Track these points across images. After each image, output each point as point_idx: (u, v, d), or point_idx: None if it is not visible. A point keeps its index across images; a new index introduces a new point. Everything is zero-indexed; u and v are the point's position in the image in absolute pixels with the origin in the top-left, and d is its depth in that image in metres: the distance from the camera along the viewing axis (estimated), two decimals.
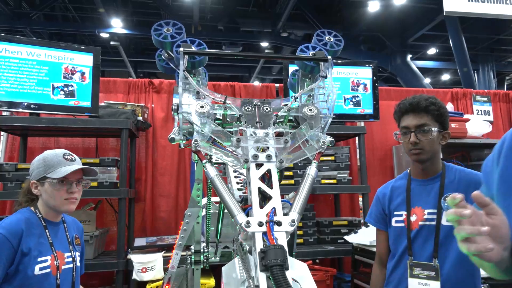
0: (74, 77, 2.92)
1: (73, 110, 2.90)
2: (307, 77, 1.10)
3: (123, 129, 2.84)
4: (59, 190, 1.56)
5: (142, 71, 13.89)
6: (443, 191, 1.56)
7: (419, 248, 1.56)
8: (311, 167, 0.91)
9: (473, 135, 3.35)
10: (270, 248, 0.67)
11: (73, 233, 1.72)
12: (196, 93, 0.96)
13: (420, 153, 1.57)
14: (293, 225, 0.74)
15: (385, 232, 1.72)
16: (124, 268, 2.71)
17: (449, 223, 1.48)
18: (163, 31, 1.07)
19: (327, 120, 0.98)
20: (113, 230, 3.26)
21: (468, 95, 3.97)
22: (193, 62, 1.02)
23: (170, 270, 1.52)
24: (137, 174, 3.35)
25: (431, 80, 13.46)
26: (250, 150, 0.85)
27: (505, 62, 11.81)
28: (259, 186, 0.79)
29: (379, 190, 1.81)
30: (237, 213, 0.76)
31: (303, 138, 0.93)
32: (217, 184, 0.83)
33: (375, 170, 3.73)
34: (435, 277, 1.49)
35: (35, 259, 1.49)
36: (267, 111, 0.95)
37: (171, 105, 3.51)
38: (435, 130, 1.56)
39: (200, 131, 0.89)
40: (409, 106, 1.59)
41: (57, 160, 1.58)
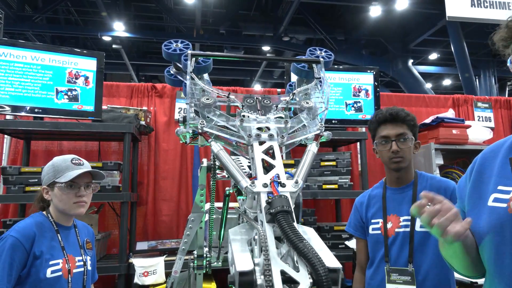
0: (78, 81, 2.95)
1: (76, 114, 2.93)
2: (303, 81, 1.17)
3: (126, 133, 2.86)
4: (68, 194, 1.60)
5: (144, 74, 13.94)
6: (416, 198, 1.64)
7: (396, 254, 1.62)
8: (311, 144, 0.96)
9: (474, 142, 3.36)
10: (275, 198, 0.69)
11: (84, 237, 1.75)
12: (202, 91, 1.03)
13: (401, 161, 1.65)
14: (297, 186, 0.75)
15: (364, 240, 1.78)
16: (126, 272, 2.72)
17: (423, 229, 1.57)
18: (172, 46, 1.18)
19: (324, 112, 1.03)
20: (115, 234, 3.27)
21: (470, 102, 3.98)
22: (199, 67, 1.10)
23: (173, 275, 1.54)
24: (139, 178, 3.36)
25: (433, 85, 13.48)
26: (253, 130, 0.89)
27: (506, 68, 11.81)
28: (263, 158, 0.82)
29: (357, 199, 1.88)
30: (241, 178, 0.78)
31: (301, 123, 0.99)
32: (222, 157, 0.87)
33: (376, 176, 3.73)
34: (411, 282, 1.56)
35: (47, 262, 1.52)
36: (267, 103, 1.02)
37: (173, 109, 3.53)
38: (412, 139, 1.67)
39: (207, 117, 0.96)
40: (389, 116, 1.67)
41: (65, 165, 1.62)
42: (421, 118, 3.58)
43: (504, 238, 0.86)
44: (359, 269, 1.83)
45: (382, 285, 1.62)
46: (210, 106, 0.98)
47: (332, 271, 0.57)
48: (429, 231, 1.58)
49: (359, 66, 3.50)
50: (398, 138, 1.64)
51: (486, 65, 11.03)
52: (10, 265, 1.44)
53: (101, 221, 3.21)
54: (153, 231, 3.33)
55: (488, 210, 0.92)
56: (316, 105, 1.04)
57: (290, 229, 0.61)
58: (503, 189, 0.90)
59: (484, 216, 0.92)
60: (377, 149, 1.71)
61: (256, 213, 0.76)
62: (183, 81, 1.21)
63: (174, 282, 1.53)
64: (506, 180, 0.85)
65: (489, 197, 0.93)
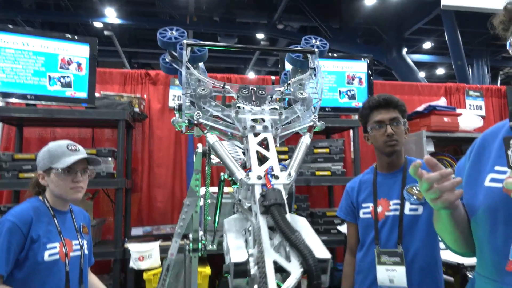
0: (71, 67, 2.92)
1: (69, 101, 2.91)
2: (297, 71, 1.18)
3: (120, 120, 2.86)
4: (65, 179, 1.61)
5: (137, 61, 13.78)
6: (405, 182, 1.69)
7: (386, 237, 1.67)
8: (305, 136, 0.98)
9: (465, 129, 3.41)
10: (269, 191, 0.71)
11: (80, 222, 1.77)
12: (197, 81, 1.03)
13: (395, 145, 1.69)
14: (290, 178, 0.77)
15: (354, 224, 1.83)
16: (122, 257, 2.75)
17: (412, 213, 1.62)
18: (167, 34, 1.17)
19: (318, 103, 1.05)
20: (110, 220, 3.30)
21: (461, 90, 4.03)
22: (195, 56, 1.10)
23: (169, 257, 1.57)
24: (133, 165, 3.37)
25: (426, 74, 13.53)
26: (248, 121, 0.90)
27: (499, 57, 11.89)
28: (257, 149, 0.84)
29: (348, 184, 1.92)
30: (236, 170, 0.80)
31: (295, 114, 1.01)
32: (217, 148, 0.88)
33: (367, 163, 3.75)
34: (400, 263, 1.61)
35: (44, 246, 1.54)
36: (262, 94, 1.03)
37: (167, 96, 3.53)
38: (405, 122, 1.72)
39: (202, 108, 0.96)
40: (383, 101, 1.71)
41: (61, 150, 1.63)
42: (414, 106, 3.62)
43: (497, 218, 0.88)
44: (349, 252, 1.87)
45: (372, 266, 1.67)
46: (206, 96, 0.99)
47: (321, 261, 0.60)
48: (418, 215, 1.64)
49: (353, 54, 3.51)
50: (391, 122, 1.68)
51: (479, 54, 11.08)
52: (8, 248, 1.46)
53: (96, 207, 3.23)
54: (148, 217, 3.36)
55: (484, 190, 0.93)
56: (310, 96, 1.06)
57: (283, 221, 0.63)
58: (500, 169, 0.91)
59: (480, 196, 0.94)
60: (370, 134, 1.74)
61: (250, 204, 0.79)
62: (178, 69, 1.21)
63: (170, 264, 1.57)
64: (503, 161, 0.85)
65: (486, 177, 0.94)
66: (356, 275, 1.78)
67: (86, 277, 1.75)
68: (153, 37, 6.34)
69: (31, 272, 1.52)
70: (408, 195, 1.67)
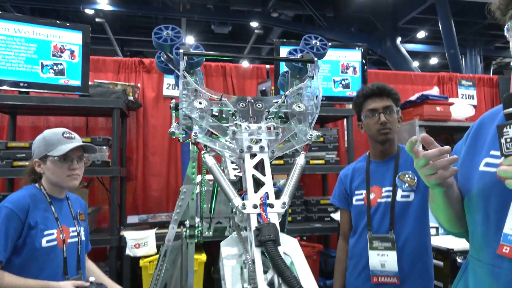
0: (64, 55, 2.89)
1: (63, 89, 2.89)
2: (295, 77, 1.17)
3: (115, 108, 2.85)
4: (61, 167, 1.62)
5: (129, 49, 13.60)
6: (398, 170, 1.72)
7: (378, 223, 1.71)
8: (300, 157, 0.98)
9: (457, 119, 3.46)
10: (264, 226, 0.74)
11: (77, 209, 1.79)
12: (194, 91, 1.02)
13: (389, 133, 1.71)
14: (284, 207, 0.81)
15: (347, 211, 1.86)
16: (117, 244, 2.77)
17: (404, 199, 1.66)
18: (163, 34, 1.13)
19: (314, 116, 1.05)
20: (104, 209, 3.31)
21: (454, 79, 4.07)
22: (191, 63, 1.08)
23: (166, 244, 1.59)
24: (128, 153, 3.38)
25: (419, 63, 13.56)
26: (245, 142, 0.91)
27: (492, 47, 11.95)
28: (253, 173, 0.86)
29: (341, 172, 1.94)
30: (234, 197, 0.83)
31: (292, 132, 1.01)
32: (215, 172, 0.90)
33: (361, 151, 3.80)
34: (391, 248, 1.65)
35: (42, 232, 1.55)
36: (259, 107, 1.02)
37: (161, 85, 3.51)
38: (398, 111, 1.75)
39: (199, 125, 0.95)
40: (377, 89, 1.73)
41: (56, 138, 1.63)
42: (407, 95, 3.65)
43: (489, 202, 0.89)
44: (342, 238, 1.91)
45: (365, 252, 1.70)
46: (203, 111, 0.98)
47: None
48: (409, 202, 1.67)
49: (348, 43, 3.51)
50: (385, 111, 1.70)
51: (472, 44, 11.13)
52: (5, 235, 1.47)
53: (91, 196, 3.24)
54: (143, 205, 3.38)
55: (479, 174, 0.94)
56: (307, 108, 1.05)
57: (278, 259, 0.68)
58: (495, 153, 0.91)
59: (474, 179, 0.95)
60: (364, 122, 1.76)
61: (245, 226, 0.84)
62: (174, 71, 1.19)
63: (168, 250, 1.59)
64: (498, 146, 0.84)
65: (481, 161, 0.95)
66: (349, 260, 1.82)
67: (84, 263, 1.77)
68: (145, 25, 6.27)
69: (29, 258, 1.54)
70: (400, 182, 1.70)
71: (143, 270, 2.76)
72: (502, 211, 0.86)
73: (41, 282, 1.52)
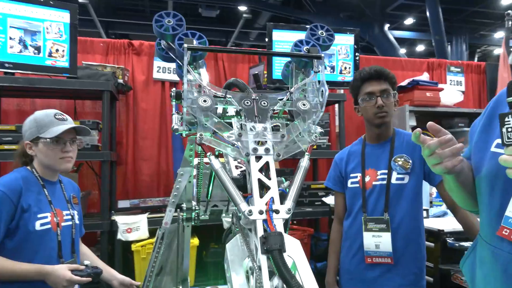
0: (50, 35, 2.80)
1: (50, 70, 2.80)
2: (300, 70, 1.14)
3: (105, 91, 2.79)
4: (53, 149, 1.58)
5: (114, 32, 13.23)
6: (393, 153, 1.74)
7: (373, 205, 1.73)
8: (304, 159, 0.98)
9: (446, 104, 3.51)
10: (270, 235, 0.76)
11: (70, 192, 1.76)
12: (198, 86, 0.99)
13: (385, 116, 1.73)
14: (289, 213, 0.83)
15: (342, 194, 1.89)
16: (109, 229, 2.75)
17: (399, 182, 1.69)
18: (164, 22, 1.08)
19: (318, 114, 1.04)
20: (94, 194, 3.27)
21: (443, 66, 4.11)
22: (195, 56, 1.04)
23: (164, 226, 1.58)
24: (117, 137, 3.32)
25: (407, 50, 13.66)
26: (250, 144, 0.91)
27: (477, 35, 12.11)
28: (259, 177, 0.87)
29: (336, 155, 1.96)
30: (240, 202, 0.84)
31: (297, 132, 1.00)
32: (221, 176, 0.90)
33: (352, 136, 3.85)
34: (386, 229, 1.68)
35: (35, 215, 1.52)
36: (264, 106, 1.00)
37: (152, 68, 3.44)
38: (395, 94, 1.76)
39: (204, 125, 0.94)
40: (374, 72, 1.73)
41: (48, 119, 1.59)
42: (397, 81, 3.64)
43: (496, 183, 0.91)
44: (337, 220, 1.94)
45: (359, 233, 1.74)
46: (208, 109, 0.95)
47: None
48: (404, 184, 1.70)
49: (340, 28, 3.49)
50: (382, 94, 1.71)
51: (458, 32, 11.25)
52: None
53: (80, 180, 3.18)
54: (134, 190, 3.35)
55: (490, 154, 0.95)
56: (312, 106, 1.04)
57: (283, 268, 0.71)
58: None
59: (485, 160, 0.95)
60: (361, 106, 1.77)
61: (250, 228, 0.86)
62: (175, 60, 1.14)
63: (165, 233, 1.59)
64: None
65: (493, 142, 0.95)
66: (343, 242, 1.85)
67: (78, 246, 1.75)
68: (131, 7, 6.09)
69: (23, 241, 1.51)
70: (395, 165, 1.72)
71: (135, 254, 2.75)
72: (506, 194, 0.87)
73: (36, 266, 1.50)
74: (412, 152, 1.73)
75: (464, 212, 1.63)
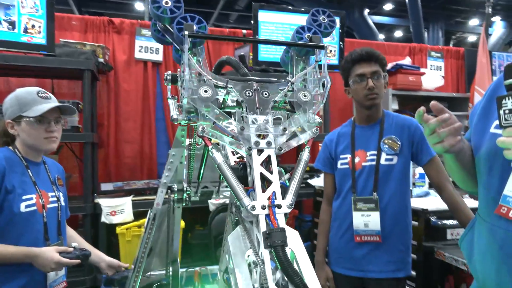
0: (25, 10, 2.65)
1: (26, 47, 2.67)
2: (301, 58, 1.11)
3: (85, 70, 2.69)
4: (37, 129, 1.51)
5: (87, 10, 12.72)
6: (383, 134, 1.76)
7: (362, 186, 1.76)
8: (304, 152, 0.98)
9: (427, 88, 3.59)
10: (273, 231, 0.79)
11: (55, 174, 1.69)
12: (198, 75, 0.96)
13: (376, 98, 1.74)
14: (291, 208, 0.85)
15: (331, 175, 1.91)
16: (92, 211, 2.69)
17: (387, 163, 1.73)
18: (161, 3, 1.02)
19: (319, 105, 1.03)
20: (75, 176, 3.19)
21: (424, 51, 4.18)
22: (194, 42, 1.00)
23: (155, 207, 1.56)
24: (98, 119, 3.22)
25: (385, 36, 13.80)
26: (252, 137, 0.90)
27: (453, 22, 12.36)
28: (261, 171, 0.87)
29: (326, 137, 1.98)
30: (243, 197, 0.86)
31: (298, 124, 1.00)
32: (224, 170, 0.90)
33: (335, 121, 3.89)
34: (375, 208, 1.72)
35: (20, 197, 1.46)
36: (265, 96, 0.99)
37: (133, 47, 3.33)
38: (386, 76, 1.76)
39: (205, 116, 0.92)
40: (365, 54, 1.73)
41: (31, 98, 1.51)
42: None
43: (494, 163, 0.93)
44: (326, 201, 1.96)
45: (349, 213, 1.77)
46: (209, 100, 0.92)
47: None
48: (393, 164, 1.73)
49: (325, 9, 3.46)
50: (373, 76, 1.71)
51: (435, 18, 11.44)
52: None
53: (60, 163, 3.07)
54: (116, 173, 3.28)
55: (489, 135, 0.97)
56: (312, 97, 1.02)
57: (287, 264, 0.74)
58: None
59: (485, 140, 0.98)
60: (352, 88, 1.77)
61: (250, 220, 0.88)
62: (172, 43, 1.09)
63: (157, 213, 1.56)
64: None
65: (493, 123, 0.96)
66: (333, 222, 1.88)
67: (64, 229, 1.71)
68: None
69: (7, 223, 1.46)
70: (385, 146, 1.75)
71: (120, 237, 2.72)
72: (504, 174, 0.90)
73: (23, 248, 1.45)
74: (401, 134, 1.76)
75: (450, 192, 1.69)
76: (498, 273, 0.91)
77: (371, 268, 1.73)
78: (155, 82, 3.39)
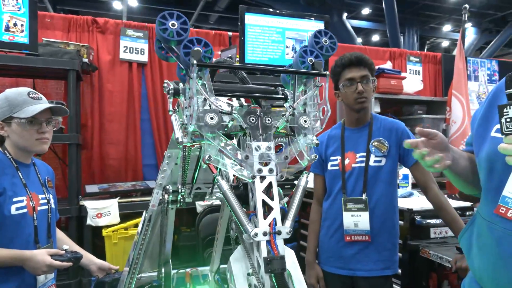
0: (6, 8, 2.58)
1: (7, 46, 2.59)
2: (302, 81, 1.14)
3: (70, 70, 2.64)
4: (29, 130, 1.49)
5: (62, 8, 12.35)
6: (371, 137, 1.83)
7: (352, 187, 1.82)
8: (301, 178, 1.05)
9: (407, 92, 3.71)
10: (274, 259, 0.87)
11: (45, 176, 1.66)
12: (203, 100, 0.97)
13: (365, 102, 1.80)
14: (290, 234, 0.92)
15: (322, 176, 1.96)
16: (77, 214, 2.64)
17: (376, 164, 1.80)
18: (168, 25, 1.01)
19: (318, 129, 1.09)
20: (58, 178, 3.10)
21: (404, 55, 4.32)
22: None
23: (151, 209, 1.56)
24: (82, 120, 3.16)
25: (363, 40, 14.10)
26: (256, 165, 0.96)
27: (427, 27, 12.77)
28: (263, 198, 0.94)
29: None
30: (246, 223, 0.93)
31: (298, 150, 1.06)
32: (229, 197, 0.96)
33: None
34: (364, 209, 1.78)
35: (11, 199, 1.44)
36: (268, 123, 1.04)
37: (118, 47, 3.29)
38: (374, 80, 1.83)
39: (212, 144, 0.96)
40: (355, 59, 1.79)
41: (22, 98, 1.48)
42: None
43: (495, 165, 0.98)
44: (316, 202, 2.01)
45: (339, 213, 1.82)
46: (215, 127, 0.95)
47: None
48: (381, 166, 1.80)
49: (310, 14, 3.53)
50: (362, 80, 1.77)
51: (411, 23, 11.79)
52: None
53: None
54: (101, 175, 3.22)
55: (490, 140, 1.00)
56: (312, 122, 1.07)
57: None
58: None
59: (486, 144, 1.02)
60: (342, 91, 1.83)
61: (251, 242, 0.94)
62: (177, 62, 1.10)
63: (152, 215, 1.56)
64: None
65: (493, 127, 1.00)
66: (323, 222, 1.93)
67: (55, 231, 1.68)
68: None
69: None
70: (373, 148, 1.81)
71: (106, 239, 2.68)
72: (504, 175, 0.95)
73: (14, 251, 1.42)
74: (389, 136, 1.83)
75: (435, 192, 1.77)
76: (495, 267, 0.97)
77: (361, 266, 1.79)
78: (140, 83, 3.36)
